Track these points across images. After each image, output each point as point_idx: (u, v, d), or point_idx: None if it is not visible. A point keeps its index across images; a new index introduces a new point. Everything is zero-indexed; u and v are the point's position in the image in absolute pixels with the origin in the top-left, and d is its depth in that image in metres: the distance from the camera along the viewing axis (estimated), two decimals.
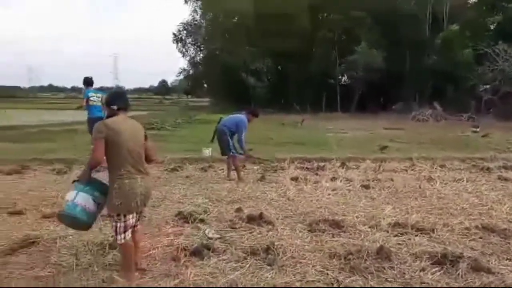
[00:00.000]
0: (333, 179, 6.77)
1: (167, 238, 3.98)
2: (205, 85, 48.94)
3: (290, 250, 3.70)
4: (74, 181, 3.17)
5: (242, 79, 32.13)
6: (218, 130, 6.94)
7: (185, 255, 3.59)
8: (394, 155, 9.58)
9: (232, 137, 6.80)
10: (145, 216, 4.54)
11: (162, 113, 28.81)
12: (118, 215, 2.98)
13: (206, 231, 4.20)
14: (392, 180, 6.81)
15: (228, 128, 6.80)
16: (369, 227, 4.34)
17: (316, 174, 7.29)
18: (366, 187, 6.28)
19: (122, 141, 2.95)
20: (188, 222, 4.48)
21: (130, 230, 3.06)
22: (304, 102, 30.30)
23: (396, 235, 4.14)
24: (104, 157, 2.96)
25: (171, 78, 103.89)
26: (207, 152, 9.08)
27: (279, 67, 35.51)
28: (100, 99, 8.82)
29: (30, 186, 6.20)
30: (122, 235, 3.01)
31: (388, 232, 4.23)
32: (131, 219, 3.05)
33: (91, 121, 8.62)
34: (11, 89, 79.59)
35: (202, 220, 4.55)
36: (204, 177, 7.15)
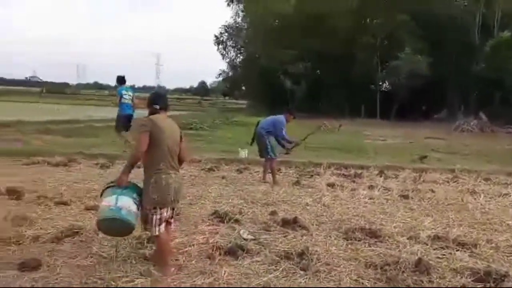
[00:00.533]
0: (371, 187, 6.63)
1: (203, 236, 4.05)
2: (243, 87, 49.48)
3: (325, 256, 3.66)
4: (108, 186, 3.20)
5: (279, 82, 32.14)
6: (256, 132, 6.99)
7: (220, 254, 3.63)
8: (436, 165, 9.25)
9: (270, 138, 6.83)
10: (177, 214, 4.66)
11: (200, 114, 29.33)
12: (154, 208, 3.08)
13: (241, 232, 4.24)
14: (432, 191, 6.58)
15: (265, 129, 6.85)
16: (408, 239, 4.22)
17: (353, 181, 7.17)
18: (405, 197, 6.10)
19: (164, 138, 3.10)
20: (223, 222, 4.54)
21: (164, 224, 3.16)
22: (342, 107, 29.90)
23: (435, 249, 3.99)
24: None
25: (210, 80, 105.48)
26: (243, 153, 9.17)
27: (318, 71, 35.26)
28: (131, 97, 9.40)
29: (75, 179, 6.51)
30: (157, 228, 3.11)
31: (427, 244, 4.09)
32: (165, 212, 3.15)
33: (121, 118, 9.37)
34: (61, 86, 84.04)
35: (237, 221, 4.60)
36: (240, 178, 7.22)
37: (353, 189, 6.51)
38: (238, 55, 41.82)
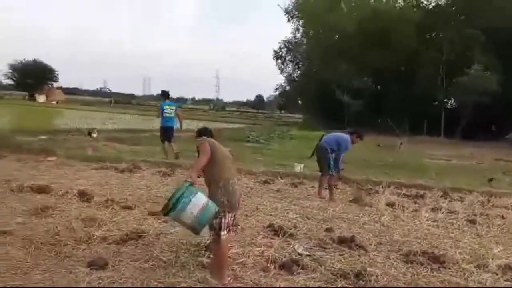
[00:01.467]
0: (434, 209, 6.28)
1: (258, 248, 4.07)
2: (299, 101, 49.46)
3: (383, 278, 3.52)
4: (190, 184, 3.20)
5: (337, 97, 31.72)
6: (319, 146, 6.90)
7: (275, 268, 3.64)
8: (507, 190, 8.55)
9: (333, 155, 6.72)
10: (238, 225, 4.74)
11: (256, 127, 29.72)
12: (224, 211, 3.24)
13: (296, 247, 4.21)
14: (503, 217, 6.10)
15: (330, 146, 6.73)
16: (475, 267, 3.93)
17: (415, 202, 6.84)
18: (472, 222, 5.70)
19: (222, 149, 3.47)
20: (278, 235, 4.54)
21: (228, 230, 3.31)
22: (403, 124, 28.73)
23: (507, 280, 3.69)
24: None
25: (267, 93, 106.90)
26: (299, 168, 9.13)
27: (378, 86, 34.35)
28: (173, 111, 10.15)
29: (138, 185, 6.86)
30: (225, 231, 3.27)
31: (497, 274, 3.78)
32: (230, 218, 3.32)
33: (163, 130, 10.16)
34: (127, 97, 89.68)
35: (292, 235, 4.57)
36: (295, 193, 7.18)
37: (414, 210, 6.21)
38: (296, 69, 42.05)
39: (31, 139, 11.57)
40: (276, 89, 49.30)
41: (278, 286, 3.26)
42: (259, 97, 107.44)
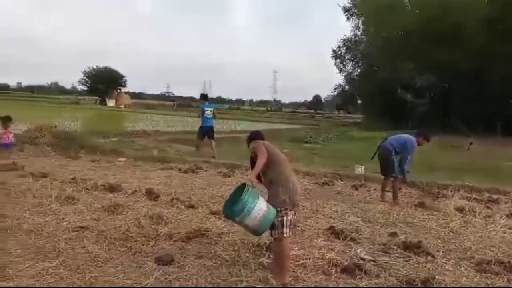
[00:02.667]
0: (511, 215, 5.80)
1: (318, 251, 4.03)
2: (359, 101, 48.16)
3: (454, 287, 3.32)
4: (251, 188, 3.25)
5: (399, 96, 30.34)
6: (382, 148, 6.63)
7: (336, 271, 3.59)
8: None
9: (397, 157, 6.46)
10: (298, 226, 4.73)
11: (314, 128, 29.42)
12: (286, 208, 3.25)
13: (358, 251, 4.11)
14: None
15: (394, 147, 6.44)
16: None
17: (488, 207, 6.36)
18: None
19: (277, 150, 3.59)
20: (339, 239, 4.46)
21: (290, 227, 3.32)
22: (473, 124, 26.77)
23: None
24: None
25: (324, 94, 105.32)
26: (359, 169, 8.89)
27: (445, 84, 32.37)
28: (212, 112, 11.19)
29: (201, 185, 7.10)
30: (288, 229, 3.26)
31: None
32: (292, 215, 3.33)
33: (203, 129, 11.15)
34: (188, 100, 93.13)
35: (353, 239, 4.47)
36: (356, 195, 7.01)
37: (487, 216, 5.78)
38: (356, 68, 40.91)
39: (103, 140, 12.44)
40: (335, 89, 48.52)
41: None
42: (316, 98, 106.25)
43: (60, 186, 6.33)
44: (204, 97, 11.84)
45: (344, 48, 40.25)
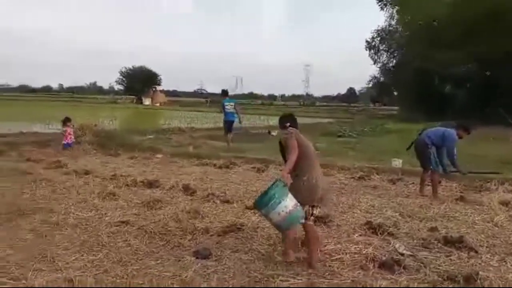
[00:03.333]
0: None
1: (355, 246, 3.98)
2: (395, 93, 46.84)
3: (499, 284, 3.19)
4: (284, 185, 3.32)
5: (437, 86, 29.27)
6: (419, 141, 6.44)
7: (374, 266, 3.53)
8: None
9: (434, 149, 6.24)
10: (329, 222, 4.69)
11: (348, 121, 28.92)
12: (304, 204, 3.42)
13: (397, 246, 4.03)
14: None
15: (432, 140, 6.24)
16: None
17: None
18: None
19: (307, 143, 3.59)
20: (376, 234, 4.38)
21: (311, 218, 3.54)
22: None
23: None
24: None
25: (358, 86, 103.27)
26: (396, 163, 8.67)
27: (486, 72, 30.84)
28: (233, 106, 11.74)
29: (235, 180, 7.18)
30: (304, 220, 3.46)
31: None
32: (310, 209, 3.51)
33: (225, 123, 11.78)
34: (219, 96, 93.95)
35: (391, 234, 4.38)
36: (393, 189, 6.85)
37: None
38: (391, 59, 39.76)
39: (141, 138, 12.81)
40: (369, 81, 47.51)
41: (378, 285, 3.16)
42: (350, 90, 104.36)
43: (101, 182, 6.60)
44: (224, 93, 12.22)
45: (378, 38, 39.24)
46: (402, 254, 3.82)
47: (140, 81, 74.83)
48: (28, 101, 50.68)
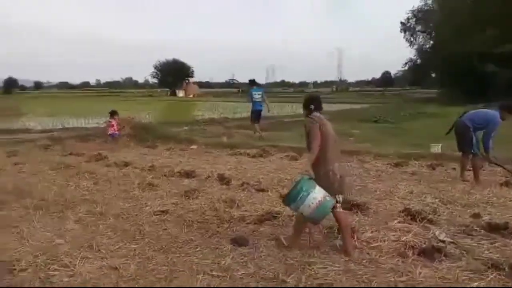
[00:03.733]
0: None
1: (393, 233, 3.91)
2: (432, 75, 45.05)
3: None
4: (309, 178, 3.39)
5: (477, 66, 27.79)
6: (459, 124, 6.16)
7: (413, 254, 3.47)
8: None
9: (477, 133, 5.99)
10: (365, 209, 4.62)
11: (384, 106, 28.17)
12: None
13: (437, 233, 3.92)
14: None
15: (474, 122, 5.96)
16: None
17: None
18: None
19: (330, 131, 3.54)
20: (415, 221, 4.28)
21: (339, 206, 3.50)
22: None
23: None
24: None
25: (394, 69, 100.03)
26: (436, 148, 8.39)
27: None
28: (261, 95, 11.72)
29: (269, 169, 7.20)
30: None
31: None
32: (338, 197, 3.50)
33: (253, 113, 11.78)
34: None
35: (431, 221, 4.27)
36: (432, 175, 6.65)
37: None
38: (428, 40, 38.20)
39: (176, 129, 13.09)
40: (405, 63, 45.85)
41: (418, 273, 3.10)
42: (385, 74, 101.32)
43: (140, 173, 6.82)
44: (252, 82, 12.11)
45: (414, 19, 37.75)
46: (443, 241, 3.71)
47: (173, 74, 76.25)
48: (68, 97, 52.88)
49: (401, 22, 38.42)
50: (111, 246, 3.75)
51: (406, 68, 49.56)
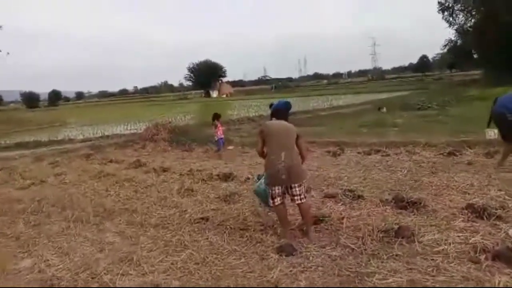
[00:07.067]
0: None
1: (459, 234, 3.48)
2: (475, 55, 42.50)
3: None
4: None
5: None
6: (494, 112, 5.63)
7: (486, 258, 3.03)
8: None
9: None
10: (423, 207, 4.19)
11: (425, 91, 26.89)
12: (268, 184, 3.82)
13: (510, 232, 3.45)
14: None
15: (507, 109, 5.39)
16: None
17: None
18: None
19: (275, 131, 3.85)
20: (482, 218, 3.81)
21: (278, 198, 3.77)
22: None
23: None
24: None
25: (432, 53, 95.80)
26: (492, 133, 7.67)
27: None
28: None
29: (311, 167, 6.76)
30: (271, 201, 3.79)
31: None
32: (277, 189, 3.76)
33: None
34: (286, 80, 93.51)
35: (500, 218, 3.78)
36: (491, 164, 6.04)
37: None
38: (469, 18, 35.98)
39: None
40: (445, 45, 43.50)
41: (497, 282, 2.68)
42: (423, 58, 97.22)
43: (179, 179, 6.69)
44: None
45: None
46: None
47: (206, 75, 76.97)
48: (108, 105, 54.66)
49: (439, 2, 36.40)
50: (152, 259, 3.57)
51: (446, 50, 47.18)
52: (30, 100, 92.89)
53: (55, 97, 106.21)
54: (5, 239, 4.48)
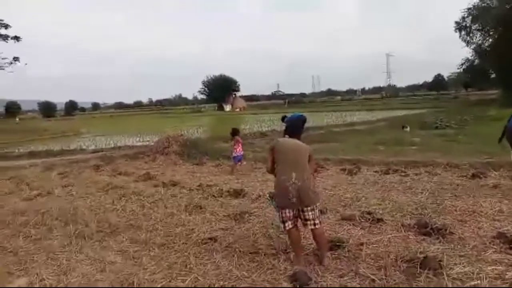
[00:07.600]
0: None
1: (491, 267, 3.15)
2: (492, 75, 41.87)
3: None
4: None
5: None
6: (509, 129, 5.54)
7: None
8: None
9: None
10: (449, 234, 3.85)
11: (442, 110, 26.36)
12: (278, 206, 3.59)
13: None
14: None
15: None
16: None
17: None
18: None
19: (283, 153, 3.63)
20: None
21: (290, 222, 3.50)
22: None
23: None
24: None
25: (447, 72, 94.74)
26: None
27: None
28: None
29: (325, 185, 6.50)
30: (282, 225, 3.57)
31: None
32: (287, 213, 3.49)
33: None
34: (299, 96, 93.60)
35: None
36: None
37: None
38: (487, 38, 35.51)
39: (224, 145, 12.74)
40: (461, 64, 43.07)
41: None
42: (438, 77, 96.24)
43: (188, 194, 6.45)
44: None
45: (470, 18, 35.31)
46: None
47: (220, 89, 77.42)
48: (123, 116, 55.17)
49: (456, 22, 36.14)
50: (154, 283, 3.31)
51: (462, 70, 46.59)
52: (47, 109, 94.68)
53: (72, 107, 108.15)
54: (3, 254, 4.27)
